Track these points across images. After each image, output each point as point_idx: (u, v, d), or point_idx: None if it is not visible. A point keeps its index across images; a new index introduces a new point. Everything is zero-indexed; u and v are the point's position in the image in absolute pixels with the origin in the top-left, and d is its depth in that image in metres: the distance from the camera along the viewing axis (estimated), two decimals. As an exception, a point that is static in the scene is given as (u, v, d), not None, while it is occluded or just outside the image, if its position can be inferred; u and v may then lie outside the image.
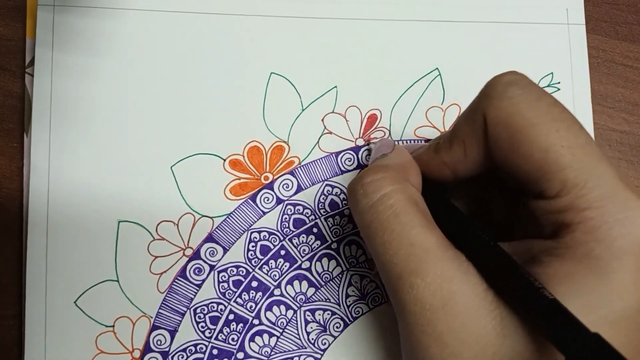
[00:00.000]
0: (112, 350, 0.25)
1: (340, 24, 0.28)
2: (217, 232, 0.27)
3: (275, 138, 0.27)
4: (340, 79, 0.28)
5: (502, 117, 0.18)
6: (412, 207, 0.19)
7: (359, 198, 0.20)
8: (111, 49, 0.27)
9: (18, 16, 0.27)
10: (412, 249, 0.18)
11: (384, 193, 0.20)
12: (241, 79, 0.27)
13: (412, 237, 0.19)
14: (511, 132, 0.18)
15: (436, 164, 0.21)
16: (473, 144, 0.20)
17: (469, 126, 0.20)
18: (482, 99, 0.19)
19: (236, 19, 0.27)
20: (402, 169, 0.21)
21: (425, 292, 0.18)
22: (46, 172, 0.26)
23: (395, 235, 0.19)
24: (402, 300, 0.18)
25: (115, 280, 0.26)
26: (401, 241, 0.19)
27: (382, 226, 0.19)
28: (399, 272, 0.18)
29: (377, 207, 0.19)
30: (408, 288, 0.18)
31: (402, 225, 0.19)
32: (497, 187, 0.23)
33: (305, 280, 0.27)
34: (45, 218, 0.25)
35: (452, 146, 0.21)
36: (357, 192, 0.20)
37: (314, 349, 0.27)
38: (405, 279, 0.18)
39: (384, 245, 0.19)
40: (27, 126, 0.26)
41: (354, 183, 0.21)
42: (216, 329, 0.26)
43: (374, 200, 0.20)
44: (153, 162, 0.26)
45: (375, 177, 0.20)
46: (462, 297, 0.18)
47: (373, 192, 0.20)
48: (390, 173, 0.20)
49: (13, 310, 0.26)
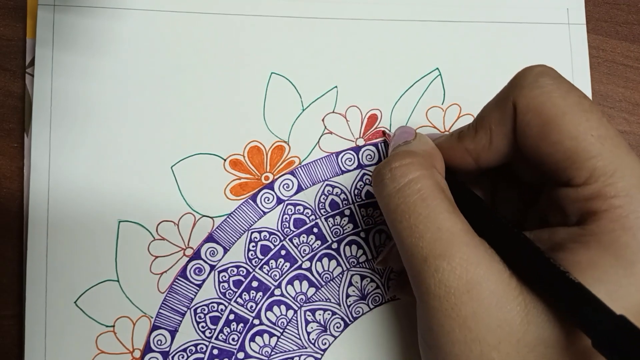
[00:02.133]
0: (112, 350, 0.25)
1: (341, 24, 0.28)
2: (218, 232, 0.27)
3: (275, 138, 0.27)
4: (341, 79, 0.28)
5: (534, 105, 0.19)
6: (439, 192, 0.19)
7: (386, 182, 0.20)
8: (111, 49, 0.27)
9: (18, 16, 0.27)
10: (439, 232, 0.18)
11: (411, 178, 0.20)
12: (241, 79, 0.27)
13: (439, 221, 0.19)
14: (542, 120, 0.19)
15: (459, 152, 0.22)
16: (500, 132, 0.20)
17: (497, 113, 0.20)
18: (513, 88, 0.20)
19: (236, 19, 0.27)
20: (428, 155, 0.21)
21: (451, 276, 0.18)
22: (46, 172, 0.26)
23: (422, 219, 0.19)
24: (425, 284, 0.18)
25: (116, 280, 0.26)
26: (428, 225, 0.19)
27: (408, 210, 0.19)
28: (425, 255, 0.18)
29: (404, 191, 0.20)
30: (433, 271, 0.18)
31: (430, 209, 0.19)
32: (507, 182, 0.24)
33: (306, 280, 0.27)
34: (45, 218, 0.25)
35: (477, 133, 0.21)
36: (384, 176, 0.20)
37: (315, 349, 0.27)
38: (430, 262, 0.18)
39: (410, 228, 0.19)
40: (28, 126, 0.26)
41: (382, 167, 0.21)
42: (216, 329, 0.26)
43: (402, 184, 0.20)
44: (153, 162, 0.26)
45: (403, 162, 0.20)
46: (487, 282, 0.18)
47: (401, 177, 0.20)
48: (418, 159, 0.20)
49: (13, 310, 0.26)
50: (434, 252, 0.18)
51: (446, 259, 0.18)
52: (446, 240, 0.18)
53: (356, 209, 0.28)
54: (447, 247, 0.18)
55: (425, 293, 0.18)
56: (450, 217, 0.19)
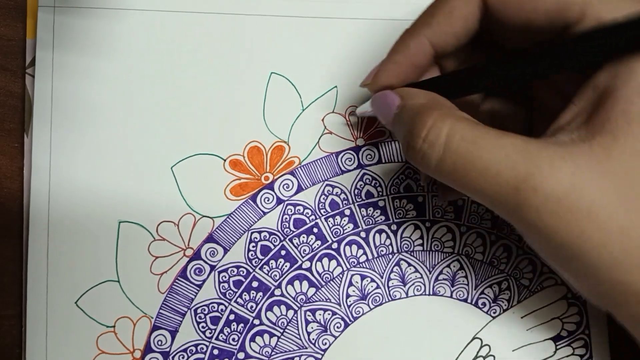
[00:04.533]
0: (112, 350, 0.26)
1: (341, 24, 0.28)
2: (218, 233, 0.27)
3: (275, 138, 0.27)
4: (340, 79, 0.28)
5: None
6: (474, 125, 0.19)
7: (427, 152, 0.20)
8: (111, 50, 0.27)
9: (19, 16, 0.27)
10: (509, 158, 0.18)
11: (446, 132, 0.19)
12: (241, 79, 0.27)
13: (500, 149, 0.18)
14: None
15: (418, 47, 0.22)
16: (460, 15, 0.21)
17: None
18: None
19: (236, 19, 0.27)
20: (432, 101, 0.21)
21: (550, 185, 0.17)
22: (47, 172, 0.26)
23: (485, 159, 0.18)
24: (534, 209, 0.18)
25: (116, 281, 0.26)
26: (494, 159, 0.18)
27: (468, 160, 0.19)
28: (514, 185, 0.18)
29: (450, 148, 0.19)
30: (532, 194, 0.18)
31: (483, 146, 0.19)
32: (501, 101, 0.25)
33: (306, 280, 0.27)
34: (46, 218, 0.25)
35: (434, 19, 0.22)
36: (421, 149, 0.20)
37: (315, 349, 0.27)
38: (523, 187, 0.18)
39: (482, 176, 0.18)
40: (28, 126, 0.26)
41: (412, 142, 0.20)
42: (217, 329, 0.26)
43: (442, 144, 0.19)
44: (153, 163, 0.26)
45: (427, 123, 0.20)
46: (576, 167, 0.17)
47: (436, 138, 0.19)
48: (431, 111, 0.20)
49: (14, 310, 0.26)
50: (519, 178, 0.18)
51: (535, 175, 0.18)
52: (522, 160, 0.18)
53: (356, 209, 0.28)
54: (527, 165, 0.18)
55: (538, 219, 0.18)
56: (504, 138, 0.18)
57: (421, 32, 0.22)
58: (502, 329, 0.28)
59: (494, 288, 0.28)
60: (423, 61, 0.22)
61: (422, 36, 0.22)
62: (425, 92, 0.22)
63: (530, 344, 0.28)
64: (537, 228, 0.18)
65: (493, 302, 0.28)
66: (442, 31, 0.21)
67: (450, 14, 0.21)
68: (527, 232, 0.19)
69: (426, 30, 0.22)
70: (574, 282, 0.20)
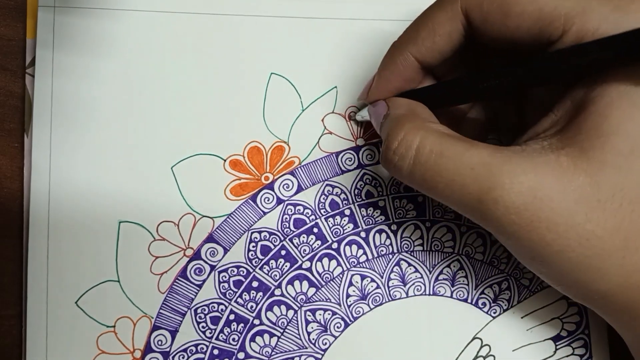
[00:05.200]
0: (113, 350, 0.26)
1: (340, 24, 0.28)
2: (218, 233, 0.27)
3: (275, 138, 0.27)
4: (340, 79, 0.28)
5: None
6: (446, 138, 0.20)
7: (398, 164, 0.21)
8: (112, 50, 0.27)
9: (18, 16, 0.27)
10: (475, 171, 0.19)
11: (416, 145, 0.20)
12: (241, 79, 0.27)
13: (466, 163, 0.19)
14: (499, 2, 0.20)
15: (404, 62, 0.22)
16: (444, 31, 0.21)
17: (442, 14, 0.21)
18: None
19: (236, 19, 0.27)
20: (411, 114, 0.22)
21: (510, 198, 0.18)
22: (47, 172, 0.26)
23: (452, 172, 0.19)
24: (495, 220, 0.19)
25: (116, 281, 0.26)
26: (460, 172, 0.19)
27: (434, 173, 0.20)
28: (477, 197, 0.19)
29: (419, 161, 0.20)
30: (493, 206, 0.18)
31: (451, 159, 0.19)
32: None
33: (306, 280, 0.27)
34: (46, 218, 0.25)
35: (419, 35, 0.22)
36: (393, 159, 0.21)
37: (315, 349, 0.27)
38: (485, 199, 0.19)
39: (448, 186, 0.19)
40: (28, 126, 0.26)
41: (386, 153, 0.21)
42: (217, 329, 0.26)
43: (412, 156, 0.20)
44: (153, 163, 0.26)
45: (399, 136, 0.21)
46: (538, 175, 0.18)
47: (406, 150, 0.20)
48: (407, 124, 0.21)
49: (14, 310, 0.26)
50: (482, 190, 0.19)
51: (497, 188, 0.18)
52: (486, 173, 0.19)
53: (356, 209, 0.28)
54: (489, 179, 0.18)
55: (501, 227, 0.19)
56: (471, 150, 0.19)
57: (406, 49, 0.22)
58: (502, 329, 0.28)
59: (494, 288, 0.28)
60: (412, 75, 0.23)
61: (408, 52, 0.22)
62: (408, 102, 0.23)
63: (530, 344, 0.28)
64: (501, 235, 0.19)
65: (493, 302, 0.28)
66: (427, 47, 0.22)
67: (434, 32, 0.21)
68: (497, 237, 0.20)
69: (411, 47, 0.22)
70: (550, 283, 0.21)
